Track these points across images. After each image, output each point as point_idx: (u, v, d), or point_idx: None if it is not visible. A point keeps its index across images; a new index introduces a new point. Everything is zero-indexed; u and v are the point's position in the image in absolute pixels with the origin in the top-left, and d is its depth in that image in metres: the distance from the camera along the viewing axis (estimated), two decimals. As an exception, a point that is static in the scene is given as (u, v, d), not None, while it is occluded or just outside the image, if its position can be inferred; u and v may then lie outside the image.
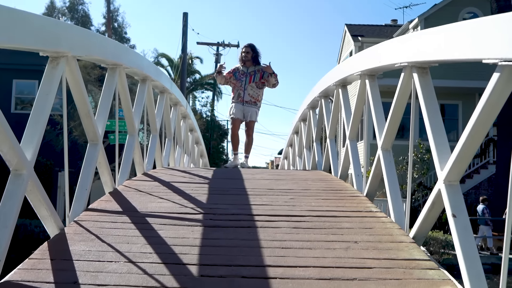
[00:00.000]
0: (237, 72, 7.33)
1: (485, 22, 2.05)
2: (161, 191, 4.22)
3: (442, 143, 2.79)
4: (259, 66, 7.26)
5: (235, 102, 7.32)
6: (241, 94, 7.20)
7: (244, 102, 7.21)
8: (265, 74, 7.15)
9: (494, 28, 1.98)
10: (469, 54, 2.20)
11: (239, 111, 7.23)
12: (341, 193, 4.31)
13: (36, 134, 2.76)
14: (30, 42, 2.52)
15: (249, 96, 7.24)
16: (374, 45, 3.81)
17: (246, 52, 7.24)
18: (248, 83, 7.21)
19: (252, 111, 7.27)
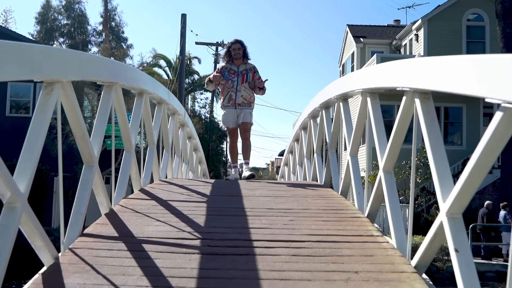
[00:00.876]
0: (226, 71, 6.79)
1: (491, 60, 1.99)
2: (158, 211, 4.16)
3: (445, 173, 2.73)
4: (250, 64, 6.86)
5: (226, 107, 6.80)
6: (233, 96, 6.72)
7: (236, 105, 6.74)
8: (256, 74, 6.82)
9: (499, 67, 1.92)
10: (473, 90, 2.14)
11: (232, 117, 6.77)
12: (342, 213, 4.24)
13: (30, 164, 2.69)
14: (24, 74, 2.46)
15: (242, 98, 6.75)
16: (376, 65, 3.74)
17: (237, 49, 6.73)
18: (240, 83, 6.73)
19: (246, 113, 6.81)
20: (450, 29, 17.62)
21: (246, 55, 6.81)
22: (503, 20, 14.61)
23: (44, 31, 29.23)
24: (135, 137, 5.05)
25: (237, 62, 6.78)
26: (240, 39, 6.83)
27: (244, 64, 6.80)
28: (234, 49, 6.75)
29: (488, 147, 2.12)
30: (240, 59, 6.77)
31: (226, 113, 6.80)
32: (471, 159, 2.25)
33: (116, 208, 4.21)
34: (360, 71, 4.32)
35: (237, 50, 6.74)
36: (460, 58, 2.28)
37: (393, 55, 19.35)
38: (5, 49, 2.27)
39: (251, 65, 6.83)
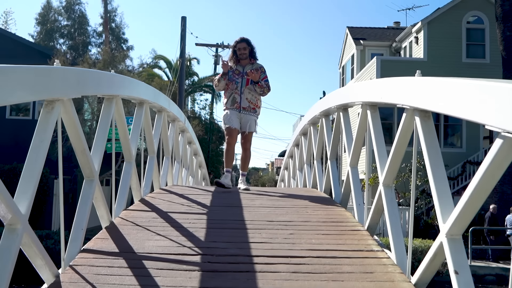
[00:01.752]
0: (231, 72, 6.28)
1: (492, 88, 1.99)
2: (158, 224, 4.16)
3: (445, 193, 2.73)
4: (257, 64, 6.28)
5: (230, 109, 6.23)
6: (237, 98, 6.15)
7: (241, 109, 6.17)
8: (262, 75, 6.25)
9: (500, 96, 1.92)
10: (473, 116, 2.14)
11: (235, 119, 6.20)
12: (342, 226, 4.25)
13: (31, 185, 2.70)
14: (25, 97, 2.48)
15: (247, 102, 6.18)
16: (378, 79, 3.72)
17: (242, 49, 6.18)
18: (245, 85, 6.16)
19: (251, 120, 6.25)
20: (450, 32, 17.62)
21: (254, 55, 6.27)
22: (503, 23, 14.62)
23: (44, 32, 29.24)
24: (135, 147, 5.06)
25: (243, 62, 6.25)
26: (246, 38, 6.27)
27: (251, 64, 6.25)
28: (240, 48, 6.21)
29: (488, 172, 2.13)
30: (247, 59, 6.23)
31: (229, 113, 6.21)
32: (472, 183, 2.26)
33: (116, 221, 4.21)
34: (361, 84, 4.32)
35: (243, 50, 6.19)
36: (462, 83, 2.28)
37: (393, 58, 19.35)
38: (5, 74, 2.28)
39: (258, 65, 6.26)
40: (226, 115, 6.25)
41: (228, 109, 6.23)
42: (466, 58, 17.73)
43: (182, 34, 17.05)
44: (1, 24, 31.57)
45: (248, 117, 6.23)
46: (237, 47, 6.21)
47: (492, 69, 16.94)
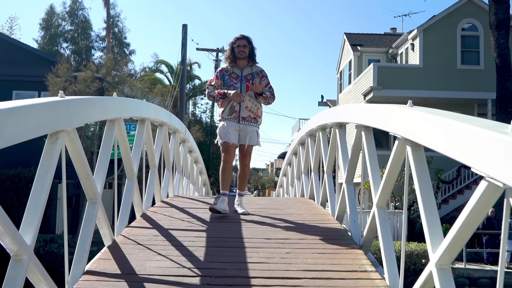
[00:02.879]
0: (227, 75, 5.42)
1: (480, 135, 2.09)
2: (159, 243, 4.28)
3: (434, 223, 2.85)
4: (257, 67, 5.48)
5: (227, 119, 5.36)
6: (236, 107, 5.33)
7: (240, 119, 5.36)
8: (264, 80, 5.44)
9: (487, 144, 2.04)
10: (460, 158, 2.26)
11: (233, 132, 5.34)
12: (337, 244, 4.36)
13: (36, 216, 2.80)
14: (29, 134, 2.57)
15: (248, 111, 5.35)
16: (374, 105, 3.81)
17: (242, 46, 5.35)
18: (245, 91, 5.32)
19: (252, 132, 5.41)
20: (445, 39, 17.80)
21: (253, 56, 5.46)
22: (496, 31, 14.79)
23: (48, 37, 29.47)
24: (137, 165, 5.18)
25: (241, 63, 5.41)
26: (247, 35, 5.47)
27: (250, 67, 5.43)
28: (239, 45, 5.36)
29: (474, 211, 2.25)
30: (245, 60, 5.41)
31: (226, 125, 5.35)
32: (459, 218, 2.38)
33: (119, 239, 4.33)
34: (357, 107, 4.43)
35: (242, 48, 5.36)
36: (452, 124, 2.37)
37: (389, 65, 19.51)
38: (11, 114, 2.37)
39: (258, 68, 5.46)
40: (222, 127, 5.36)
41: (225, 120, 5.37)
42: (460, 65, 17.89)
43: (183, 41, 17.23)
44: (6, 30, 31.78)
45: (248, 128, 5.39)
46: (236, 43, 5.38)
47: (486, 76, 17.10)
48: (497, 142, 1.97)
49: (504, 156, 1.91)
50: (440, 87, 17.49)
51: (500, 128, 2.09)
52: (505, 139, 1.91)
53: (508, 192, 1.94)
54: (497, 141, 1.97)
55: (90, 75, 16.28)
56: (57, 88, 16.08)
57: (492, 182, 2.02)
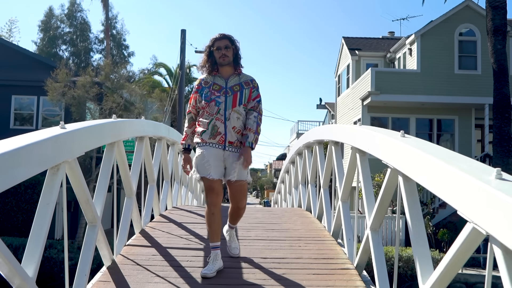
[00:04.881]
0: (206, 88, 4.09)
1: (467, 181, 2.17)
2: (158, 263, 4.36)
3: (425, 255, 2.93)
4: (245, 76, 4.17)
5: (207, 145, 4.00)
6: (219, 127, 3.98)
7: (226, 145, 3.99)
8: (254, 92, 4.13)
9: (473, 192, 2.11)
10: (447, 199, 2.34)
11: (216, 163, 3.96)
12: (332, 264, 4.45)
13: (37, 248, 2.88)
14: (34, 171, 2.65)
15: (236, 133, 4.02)
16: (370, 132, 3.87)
17: (224, 48, 4.03)
18: (230, 106, 4.01)
19: (242, 162, 4.02)
20: (443, 44, 17.90)
21: (238, 61, 4.15)
22: (494, 36, 14.86)
23: (47, 39, 29.55)
24: (136, 183, 5.26)
25: (224, 71, 4.10)
26: (228, 34, 4.14)
27: (237, 76, 4.13)
28: (219, 48, 4.04)
29: (459, 252, 2.33)
30: (230, 66, 4.10)
31: (205, 153, 3.95)
32: (445, 258, 2.46)
33: (118, 259, 4.41)
34: (353, 130, 4.48)
35: (224, 51, 4.04)
36: (441, 166, 2.44)
37: (387, 70, 19.59)
38: (14, 156, 2.45)
39: (247, 77, 4.16)
40: (200, 156, 3.95)
41: (204, 146, 4.00)
42: (458, 70, 18.00)
43: (182, 47, 17.32)
44: (5, 32, 31.86)
45: (236, 156, 4.02)
46: (215, 45, 4.05)
47: (483, 81, 17.21)
48: (480, 191, 2.05)
49: (487, 206, 2.00)
50: (437, 92, 17.59)
51: (485, 174, 2.17)
52: (488, 189, 1.99)
53: (491, 238, 2.03)
54: (480, 190, 2.05)
55: (89, 80, 16.35)
56: (56, 94, 16.15)
57: (476, 228, 2.11)
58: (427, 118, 18.72)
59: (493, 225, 1.95)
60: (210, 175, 3.94)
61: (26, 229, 16.80)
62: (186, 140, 4.23)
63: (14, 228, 17.07)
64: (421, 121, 18.70)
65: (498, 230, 1.91)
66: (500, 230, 1.89)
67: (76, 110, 16.51)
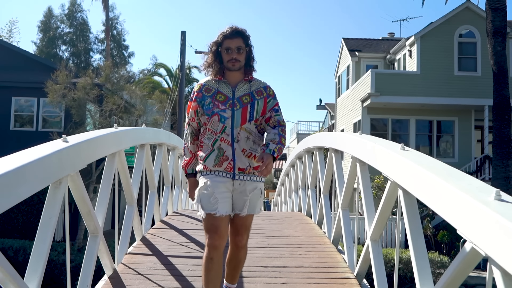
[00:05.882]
0: (208, 97, 3.21)
1: (467, 202, 2.18)
2: (159, 272, 4.38)
3: (424, 268, 2.95)
4: (258, 83, 3.29)
5: (212, 173, 3.18)
6: (226, 151, 3.16)
7: (236, 172, 3.17)
8: (271, 102, 3.27)
9: (471, 212, 2.13)
10: (447, 217, 2.36)
11: (224, 195, 3.15)
12: (333, 272, 4.48)
13: (40, 263, 2.89)
14: (36, 188, 2.67)
15: (246, 157, 3.20)
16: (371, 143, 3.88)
17: (236, 51, 3.15)
18: (240, 123, 3.16)
19: (255, 193, 3.23)
20: (442, 45, 17.93)
21: (251, 64, 3.25)
22: (493, 38, 14.87)
23: (47, 39, 29.55)
24: (137, 190, 5.28)
25: (232, 77, 3.23)
26: (241, 29, 3.21)
27: (247, 83, 3.24)
28: (229, 49, 3.15)
29: (458, 270, 2.35)
30: (240, 72, 3.23)
31: (209, 184, 3.14)
32: (445, 274, 2.48)
33: (119, 268, 4.44)
34: (354, 140, 4.48)
35: (235, 54, 3.16)
36: (441, 184, 2.45)
37: (387, 71, 19.62)
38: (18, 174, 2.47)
39: (259, 85, 3.28)
40: (204, 188, 3.13)
41: (208, 174, 3.18)
42: (458, 71, 18.02)
43: (182, 48, 17.36)
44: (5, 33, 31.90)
45: (248, 185, 3.20)
46: (224, 44, 3.16)
47: (483, 82, 17.23)
48: (479, 212, 2.07)
49: (485, 228, 2.02)
50: (437, 94, 17.62)
51: (485, 194, 2.19)
52: (487, 211, 2.01)
53: (490, 259, 2.04)
54: (479, 211, 2.07)
55: (89, 82, 16.37)
56: (57, 95, 16.16)
57: (473, 247, 2.12)
58: (427, 120, 18.74)
59: (491, 247, 1.97)
60: (217, 211, 3.08)
61: (26, 231, 16.83)
62: (189, 164, 3.35)
63: (15, 230, 17.09)
64: (421, 123, 18.72)
65: (496, 253, 1.93)
66: (499, 253, 1.91)
67: (76, 112, 16.52)
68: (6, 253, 15.27)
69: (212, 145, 3.19)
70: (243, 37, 3.20)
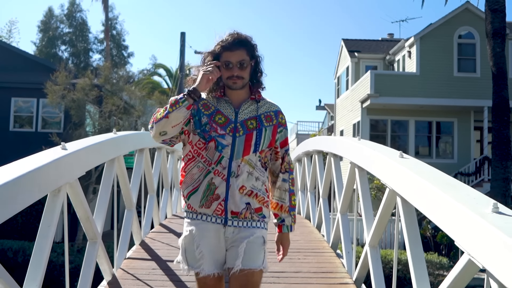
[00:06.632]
0: (205, 116, 2.50)
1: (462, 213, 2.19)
2: (158, 277, 4.39)
3: (423, 277, 2.96)
4: (268, 105, 2.59)
5: (195, 218, 2.47)
6: (218, 187, 2.44)
7: (228, 216, 2.46)
8: (282, 133, 2.60)
9: (467, 223, 2.14)
10: (446, 230, 2.36)
11: (212, 248, 2.46)
12: (331, 278, 4.48)
13: (39, 271, 2.89)
14: (35, 197, 2.67)
15: (245, 195, 2.48)
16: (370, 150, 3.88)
17: (238, 67, 2.46)
18: (241, 154, 2.47)
19: (254, 240, 2.47)
20: (442, 47, 17.94)
21: (258, 79, 2.59)
22: (493, 39, 14.87)
23: (47, 39, 29.57)
24: (136, 195, 5.29)
25: (235, 95, 2.55)
26: (245, 36, 2.52)
27: (254, 103, 2.57)
28: (229, 63, 2.48)
29: (455, 281, 2.36)
30: (245, 89, 2.56)
31: (195, 231, 2.47)
32: (442, 285, 2.49)
33: (118, 274, 4.44)
34: (353, 146, 4.48)
35: (237, 70, 2.48)
36: (438, 194, 2.46)
37: (386, 72, 19.64)
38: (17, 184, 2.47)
39: (269, 107, 2.60)
40: (189, 238, 2.47)
41: (194, 219, 2.50)
42: (457, 72, 18.03)
43: (181, 49, 17.42)
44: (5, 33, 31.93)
45: (244, 232, 2.48)
46: (223, 58, 2.49)
47: (482, 83, 17.23)
48: (476, 225, 2.07)
49: (482, 240, 2.02)
50: (437, 95, 17.62)
51: (482, 206, 2.19)
52: (484, 224, 2.01)
53: (488, 272, 2.05)
54: (476, 223, 2.07)
55: (88, 83, 16.37)
56: (56, 96, 16.17)
57: (470, 258, 2.13)
58: (426, 121, 18.75)
59: (488, 260, 1.98)
60: (202, 269, 2.44)
61: (25, 232, 16.82)
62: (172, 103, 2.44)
63: (14, 230, 17.09)
64: (420, 124, 18.73)
65: (493, 266, 1.94)
66: (495, 266, 1.92)
67: (76, 113, 16.53)
68: (6, 254, 15.28)
69: (201, 177, 2.44)
70: (247, 48, 2.48)
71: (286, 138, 2.64)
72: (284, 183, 2.62)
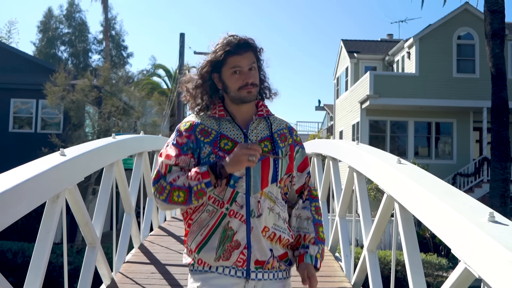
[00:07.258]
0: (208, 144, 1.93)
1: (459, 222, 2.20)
2: (157, 281, 4.40)
3: (420, 282, 2.97)
4: (279, 121, 2.08)
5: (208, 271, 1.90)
6: (237, 232, 1.90)
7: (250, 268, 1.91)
8: (299, 153, 2.08)
9: (463, 231, 2.15)
10: (443, 237, 2.37)
11: None
12: (330, 282, 4.50)
13: (38, 277, 2.91)
14: (34, 204, 2.68)
15: (269, 240, 1.95)
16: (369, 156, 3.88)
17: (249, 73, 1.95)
18: (260, 186, 1.92)
19: None
20: (441, 47, 17.95)
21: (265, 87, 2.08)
22: (492, 40, 14.89)
23: (46, 40, 29.59)
24: (135, 199, 5.30)
25: (240, 112, 2.01)
26: (250, 39, 1.99)
27: (263, 120, 2.04)
28: (239, 67, 1.95)
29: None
30: (252, 104, 2.03)
31: None
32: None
33: (117, 278, 4.45)
34: (352, 151, 4.49)
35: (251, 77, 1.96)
36: (436, 203, 2.47)
37: (385, 73, 19.65)
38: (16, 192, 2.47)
39: (280, 123, 2.08)
40: None
41: (206, 271, 1.92)
42: (456, 73, 18.05)
43: (181, 50, 17.43)
44: (4, 33, 31.94)
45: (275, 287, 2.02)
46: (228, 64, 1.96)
47: (481, 84, 17.24)
48: (472, 234, 2.09)
49: (478, 250, 2.03)
50: (436, 96, 17.64)
51: (478, 215, 2.20)
52: (480, 233, 2.03)
53: (484, 281, 2.06)
54: (472, 233, 2.08)
55: (88, 84, 16.38)
56: (55, 97, 16.17)
57: (466, 267, 2.14)
58: (426, 121, 18.77)
59: (484, 270, 1.99)
60: None
61: (25, 233, 16.82)
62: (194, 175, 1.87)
63: (13, 232, 17.10)
64: (420, 124, 18.75)
65: (488, 276, 1.95)
66: (491, 276, 1.93)
67: (75, 114, 16.53)
68: (5, 255, 15.28)
69: (213, 225, 1.93)
70: (255, 50, 2.01)
71: (306, 157, 2.13)
72: (304, 211, 2.09)
